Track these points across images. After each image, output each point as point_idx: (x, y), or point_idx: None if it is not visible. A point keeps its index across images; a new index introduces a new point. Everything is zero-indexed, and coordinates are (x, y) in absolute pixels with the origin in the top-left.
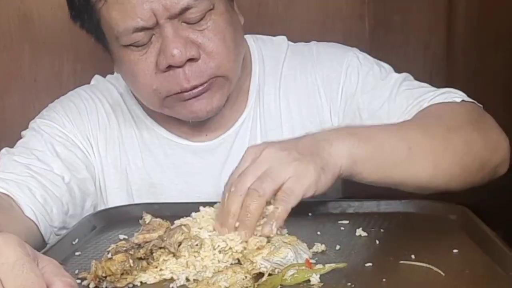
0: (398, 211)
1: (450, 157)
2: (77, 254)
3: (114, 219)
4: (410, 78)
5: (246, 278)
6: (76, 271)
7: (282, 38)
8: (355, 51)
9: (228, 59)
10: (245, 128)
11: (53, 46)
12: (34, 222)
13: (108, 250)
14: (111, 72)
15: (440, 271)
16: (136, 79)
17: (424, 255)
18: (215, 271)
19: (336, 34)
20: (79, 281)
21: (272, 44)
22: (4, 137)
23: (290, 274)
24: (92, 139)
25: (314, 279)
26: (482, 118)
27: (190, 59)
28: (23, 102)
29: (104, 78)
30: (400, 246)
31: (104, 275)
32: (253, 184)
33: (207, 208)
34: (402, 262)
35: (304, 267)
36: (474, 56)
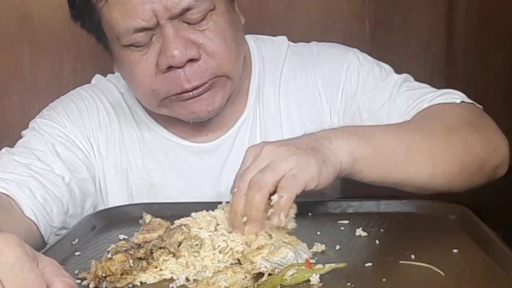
0: (398, 211)
1: (450, 157)
2: (77, 254)
3: (114, 219)
4: (410, 79)
5: (246, 278)
6: (76, 271)
7: (283, 38)
8: (355, 51)
9: (229, 59)
10: (245, 128)
11: (53, 46)
12: (34, 222)
13: (108, 250)
14: (112, 72)
15: (440, 271)
16: (136, 79)
17: (424, 255)
18: (215, 271)
19: (336, 34)
20: (79, 281)
21: (272, 44)
22: (4, 137)
23: (290, 274)
24: (93, 139)
25: (314, 279)
26: (482, 119)
27: (190, 60)
28: (23, 102)
29: (105, 77)
30: (400, 246)
31: (104, 275)
32: (253, 177)
33: (205, 212)
34: (402, 262)
35: (304, 267)
36: (474, 56)
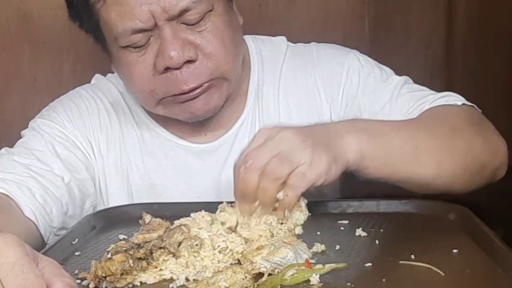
0: (398, 211)
1: (453, 157)
2: (76, 254)
3: (113, 219)
4: (410, 81)
5: (246, 278)
6: (76, 271)
7: (282, 39)
8: (355, 53)
9: (226, 60)
10: (244, 128)
11: (53, 46)
12: (34, 222)
13: (107, 250)
14: (111, 72)
15: (440, 271)
16: (133, 80)
17: (424, 255)
18: (215, 271)
19: (336, 34)
20: (78, 281)
21: (272, 44)
22: (4, 137)
23: (290, 274)
24: (93, 140)
25: (314, 279)
26: (482, 122)
27: (188, 61)
28: (23, 102)
29: (105, 77)
30: (400, 246)
31: (104, 275)
32: (270, 164)
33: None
34: (402, 262)
35: (304, 267)
36: (474, 56)
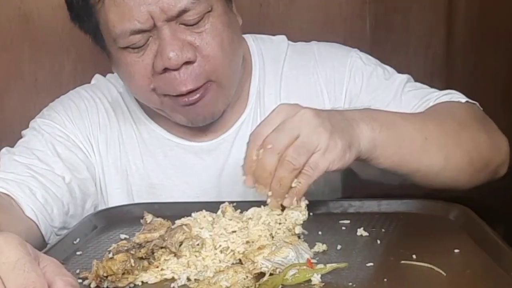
0: (399, 211)
1: (460, 151)
2: (78, 253)
3: (115, 218)
4: (412, 79)
5: (247, 278)
6: (77, 271)
7: (282, 38)
8: (356, 51)
9: (223, 64)
10: (245, 128)
11: (53, 46)
12: (35, 222)
13: (109, 250)
14: (112, 72)
15: (441, 271)
16: (133, 81)
17: (425, 255)
18: (216, 271)
19: (337, 34)
20: (80, 280)
21: (272, 43)
22: (4, 137)
23: (291, 274)
24: (93, 139)
25: (315, 279)
26: (485, 119)
27: (186, 62)
28: (23, 102)
29: (105, 77)
30: (401, 246)
31: (105, 274)
32: (289, 153)
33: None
34: (403, 262)
35: (305, 267)
36: (474, 56)
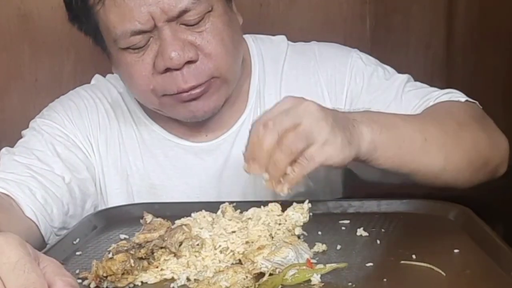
0: (398, 211)
1: (460, 152)
2: (78, 253)
3: (114, 218)
4: (412, 79)
5: (247, 278)
6: (77, 271)
7: (281, 38)
8: (357, 52)
9: (226, 61)
10: (245, 128)
11: (53, 46)
12: (34, 222)
13: (109, 250)
14: (111, 72)
15: (441, 271)
16: (133, 80)
17: (425, 255)
18: (216, 271)
19: (337, 34)
20: (80, 280)
21: (272, 43)
22: (4, 137)
23: (291, 274)
24: (93, 139)
25: (315, 279)
26: (485, 119)
27: (188, 61)
28: (23, 102)
29: (105, 77)
30: (401, 246)
31: (105, 275)
32: (288, 137)
33: (205, 212)
34: (403, 262)
35: (305, 267)
36: (474, 56)
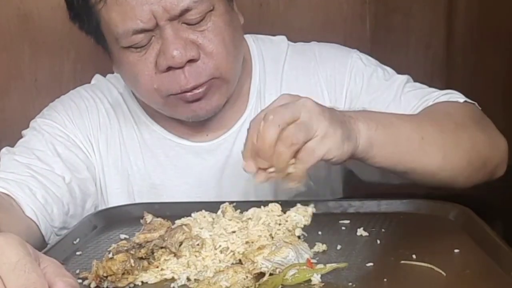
0: (399, 211)
1: (458, 151)
2: (78, 253)
3: (115, 218)
4: (411, 80)
5: (247, 278)
6: (77, 271)
7: (281, 38)
8: (357, 52)
9: (226, 60)
10: (246, 128)
11: (53, 46)
12: (35, 222)
13: (109, 250)
14: (112, 72)
15: (441, 271)
16: (137, 80)
17: (425, 255)
18: (216, 271)
19: (337, 34)
20: (80, 280)
21: (272, 44)
22: (4, 136)
23: (291, 274)
24: (93, 139)
25: (315, 279)
26: (484, 119)
27: (190, 60)
28: (23, 102)
29: (105, 77)
30: (401, 246)
31: (105, 274)
32: (288, 129)
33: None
34: (403, 262)
35: (305, 267)
36: (474, 56)
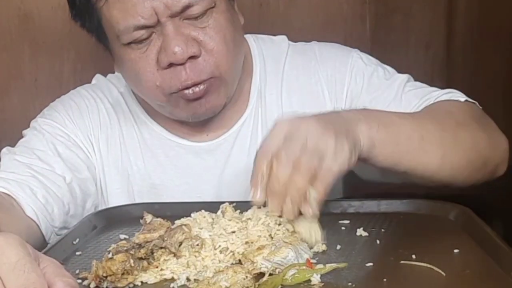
0: (398, 211)
1: (458, 151)
2: (77, 253)
3: (114, 218)
4: (412, 79)
5: (246, 278)
6: (77, 271)
7: (282, 38)
8: (357, 52)
9: (226, 59)
10: (246, 128)
11: (53, 46)
12: (35, 222)
13: (108, 250)
14: (112, 72)
15: (440, 271)
16: (139, 77)
17: (425, 255)
18: (216, 271)
19: (336, 34)
20: (80, 281)
21: (273, 43)
22: (5, 136)
23: (291, 274)
24: (93, 138)
25: (315, 279)
26: (485, 118)
27: (191, 57)
28: (23, 102)
29: (105, 77)
30: (400, 246)
31: (105, 275)
32: (302, 159)
33: (205, 212)
34: (402, 262)
35: (304, 267)
36: (474, 56)
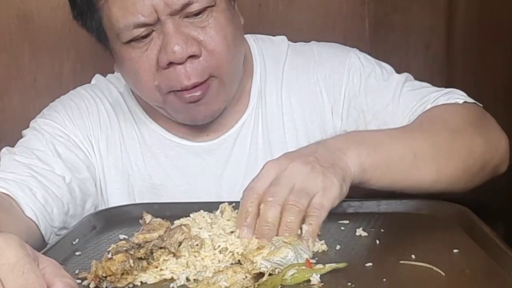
0: (398, 211)
1: (454, 161)
2: (77, 254)
3: (114, 219)
4: (411, 78)
5: (246, 278)
6: (77, 271)
7: (282, 38)
8: (355, 51)
9: (227, 59)
10: (246, 128)
11: (53, 46)
12: (35, 222)
13: (108, 250)
14: (112, 72)
15: (440, 271)
16: (138, 76)
17: (425, 255)
18: (215, 271)
19: (336, 34)
20: (79, 281)
21: (272, 44)
22: (4, 137)
23: (291, 274)
24: (93, 139)
25: (315, 279)
26: (484, 120)
27: (191, 56)
28: (23, 102)
29: (105, 77)
30: (400, 246)
31: (104, 275)
32: (290, 199)
33: (204, 213)
34: (402, 262)
35: (304, 267)
36: (474, 56)
